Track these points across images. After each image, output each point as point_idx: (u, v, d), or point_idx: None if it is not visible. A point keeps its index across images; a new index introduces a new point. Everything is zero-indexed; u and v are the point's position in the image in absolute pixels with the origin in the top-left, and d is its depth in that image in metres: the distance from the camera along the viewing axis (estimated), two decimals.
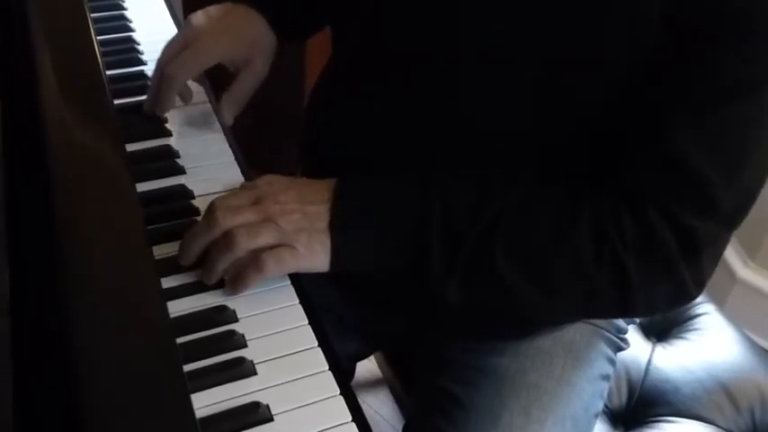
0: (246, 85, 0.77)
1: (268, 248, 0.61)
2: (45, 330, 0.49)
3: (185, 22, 0.76)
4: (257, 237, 0.61)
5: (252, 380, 0.57)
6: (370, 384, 1.44)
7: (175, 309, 0.60)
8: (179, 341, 0.55)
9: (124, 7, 0.98)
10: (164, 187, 0.72)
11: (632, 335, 0.92)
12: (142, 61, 0.88)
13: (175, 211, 0.69)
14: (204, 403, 0.54)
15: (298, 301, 0.63)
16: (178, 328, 0.58)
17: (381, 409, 1.43)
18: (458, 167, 0.67)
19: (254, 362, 0.58)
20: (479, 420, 0.73)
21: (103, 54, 0.71)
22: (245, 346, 0.59)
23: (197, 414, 0.48)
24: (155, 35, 0.92)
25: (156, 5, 1.00)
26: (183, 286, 0.62)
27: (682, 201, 0.60)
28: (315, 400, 0.56)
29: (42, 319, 0.49)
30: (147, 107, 0.77)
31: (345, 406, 0.56)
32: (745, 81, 0.56)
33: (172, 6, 1.01)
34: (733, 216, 0.61)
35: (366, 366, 1.40)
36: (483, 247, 0.61)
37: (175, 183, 0.72)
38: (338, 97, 0.78)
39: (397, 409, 1.00)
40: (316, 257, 0.62)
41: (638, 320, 0.97)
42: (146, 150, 0.75)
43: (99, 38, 0.73)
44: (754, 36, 0.55)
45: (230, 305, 0.61)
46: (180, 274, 0.63)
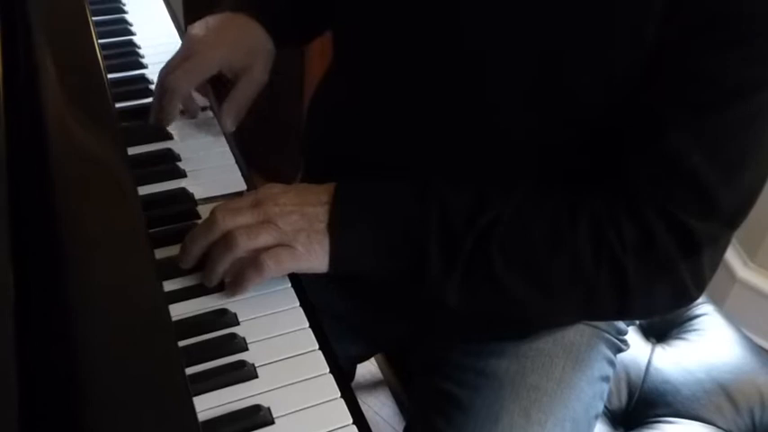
0: (246, 92, 0.78)
1: (267, 249, 0.62)
2: (47, 334, 0.49)
3: (185, 33, 0.77)
4: (257, 237, 0.61)
5: (253, 383, 0.57)
6: (371, 386, 1.44)
7: (176, 312, 0.60)
8: (180, 344, 0.55)
9: (125, 11, 0.98)
10: (165, 191, 0.72)
11: (632, 336, 0.92)
12: (143, 65, 0.88)
13: (176, 214, 0.69)
14: (205, 406, 0.54)
15: (298, 304, 0.63)
16: (179, 331, 0.58)
17: (382, 410, 1.43)
18: (459, 166, 0.67)
19: (255, 365, 0.58)
20: (479, 422, 0.73)
21: (104, 57, 0.72)
22: (246, 349, 0.59)
23: (198, 417, 0.48)
24: (155, 38, 0.93)
25: (157, 9, 1.00)
26: (183, 289, 0.63)
27: (681, 202, 0.60)
28: (315, 402, 0.56)
29: (44, 322, 0.49)
30: (152, 120, 0.78)
31: (346, 408, 0.56)
32: (746, 82, 0.56)
33: (172, 9, 1.01)
34: (733, 217, 0.61)
35: (366, 368, 1.40)
36: (481, 249, 0.61)
37: (176, 186, 0.73)
38: (340, 97, 0.78)
39: (398, 411, 1.00)
40: (315, 258, 0.62)
41: (637, 322, 0.97)
42: (147, 154, 0.76)
43: (100, 41, 0.73)
44: (755, 36, 0.55)
45: (231, 308, 0.62)
46: (180, 277, 0.63)
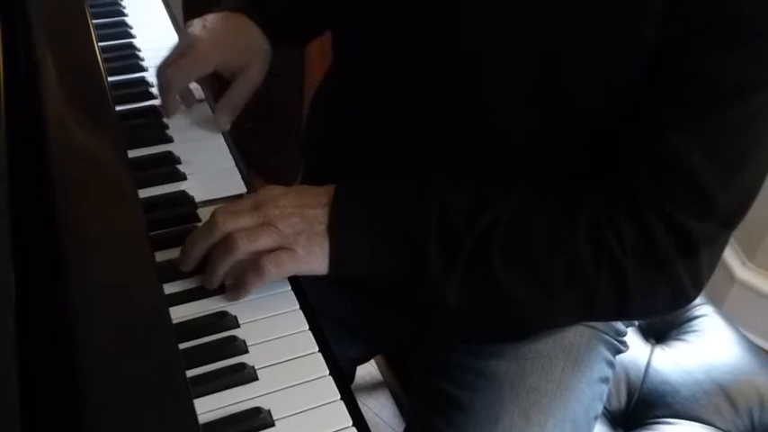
0: (241, 91, 0.78)
1: (268, 252, 0.62)
2: (48, 335, 0.49)
3: (183, 30, 0.78)
4: (257, 240, 0.61)
5: (253, 385, 0.57)
6: (371, 387, 1.44)
7: (176, 315, 0.60)
8: (180, 347, 0.56)
9: (125, 13, 0.99)
10: (165, 193, 0.72)
11: (631, 337, 0.92)
12: (143, 67, 0.89)
13: (176, 217, 0.69)
14: (206, 409, 0.54)
15: (298, 307, 0.63)
16: (179, 334, 0.58)
17: (382, 412, 1.43)
18: (459, 166, 0.67)
19: (256, 367, 0.58)
20: (479, 423, 0.73)
21: (104, 60, 0.72)
22: (246, 351, 0.59)
23: (198, 420, 0.49)
24: (155, 41, 0.93)
25: (157, 12, 1.01)
26: (183, 292, 0.63)
27: (680, 202, 0.60)
28: (316, 405, 0.56)
29: (45, 323, 0.49)
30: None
31: (346, 410, 0.56)
32: (746, 82, 0.56)
33: (172, 12, 1.01)
34: (731, 217, 0.61)
35: (366, 369, 1.40)
36: (481, 249, 0.62)
37: (176, 189, 0.73)
38: (340, 98, 0.78)
39: (398, 413, 1.00)
40: (315, 260, 0.63)
41: (636, 323, 0.98)
42: (147, 156, 0.76)
43: (100, 44, 0.73)
44: (755, 36, 0.55)
45: (231, 311, 0.62)
46: (181, 280, 0.63)
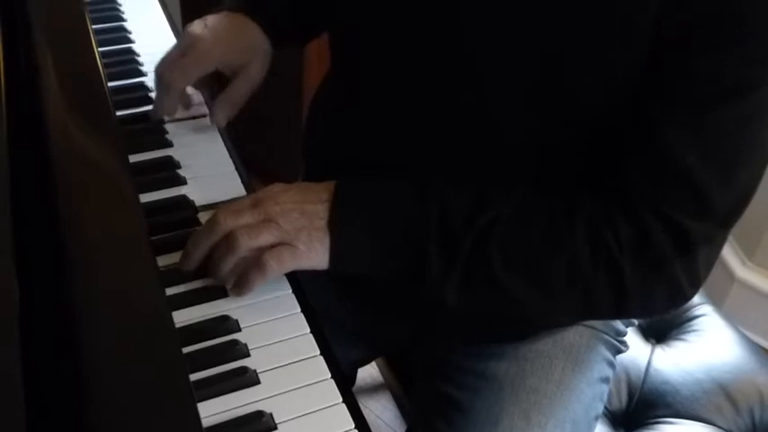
0: (240, 90, 0.79)
1: (269, 248, 0.62)
2: (52, 342, 0.49)
3: (184, 30, 0.78)
4: (258, 236, 0.62)
5: (255, 389, 0.57)
6: (372, 390, 1.44)
7: (178, 319, 0.60)
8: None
9: (124, 18, 0.99)
10: (165, 198, 0.72)
11: (631, 337, 0.92)
12: (142, 72, 0.89)
13: (177, 221, 0.70)
14: (208, 413, 0.55)
15: (299, 310, 0.64)
16: (181, 338, 0.58)
17: (383, 414, 1.43)
18: (459, 166, 0.67)
19: (257, 371, 0.58)
20: (480, 424, 0.73)
21: (104, 66, 0.72)
22: (247, 355, 0.59)
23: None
24: (154, 46, 0.93)
25: (155, 16, 1.01)
26: (184, 297, 0.63)
27: (676, 202, 0.60)
28: (318, 408, 0.57)
29: (48, 330, 0.50)
30: (153, 114, 0.79)
31: (348, 413, 0.57)
32: (744, 81, 0.56)
33: (171, 17, 1.01)
34: (727, 216, 0.62)
35: (368, 371, 1.40)
36: (480, 249, 0.62)
37: (177, 193, 0.73)
38: (339, 101, 0.78)
39: (399, 415, 1.00)
40: (315, 255, 0.63)
41: (636, 322, 0.98)
42: (147, 161, 0.76)
43: (99, 49, 0.74)
44: (754, 37, 0.55)
45: (233, 315, 0.62)
46: (181, 284, 0.64)
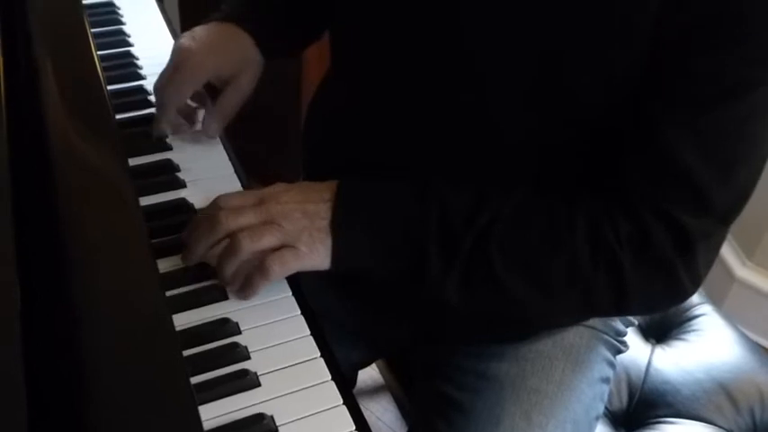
0: (231, 100, 0.79)
1: (272, 250, 0.62)
2: (53, 344, 0.49)
3: (174, 46, 0.78)
4: (260, 239, 0.62)
5: (256, 391, 0.57)
6: (372, 391, 1.44)
7: (178, 322, 0.60)
8: None
9: (122, 22, 0.99)
10: (165, 201, 0.72)
11: (631, 337, 0.93)
12: (141, 75, 0.89)
13: (177, 224, 0.69)
14: (209, 416, 0.55)
15: (299, 312, 0.64)
16: (181, 341, 0.58)
17: (384, 415, 1.43)
18: (459, 166, 0.67)
19: (258, 373, 0.58)
20: (481, 425, 0.73)
21: (103, 69, 0.72)
22: (248, 358, 0.60)
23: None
24: (153, 49, 0.93)
25: (154, 20, 1.01)
26: (184, 300, 0.63)
27: (676, 200, 0.60)
28: (318, 410, 0.57)
29: (49, 333, 0.50)
30: (155, 133, 0.79)
31: (348, 415, 0.57)
32: (744, 81, 0.56)
33: (169, 20, 1.01)
34: (727, 214, 0.62)
35: (368, 373, 1.40)
36: (480, 249, 0.62)
37: (176, 197, 0.73)
38: (338, 101, 0.78)
39: (400, 416, 1.00)
40: (317, 256, 0.63)
41: (636, 322, 0.98)
42: (146, 165, 0.76)
43: (98, 53, 0.74)
44: (753, 37, 0.55)
45: (233, 318, 0.62)
46: (181, 287, 0.64)
